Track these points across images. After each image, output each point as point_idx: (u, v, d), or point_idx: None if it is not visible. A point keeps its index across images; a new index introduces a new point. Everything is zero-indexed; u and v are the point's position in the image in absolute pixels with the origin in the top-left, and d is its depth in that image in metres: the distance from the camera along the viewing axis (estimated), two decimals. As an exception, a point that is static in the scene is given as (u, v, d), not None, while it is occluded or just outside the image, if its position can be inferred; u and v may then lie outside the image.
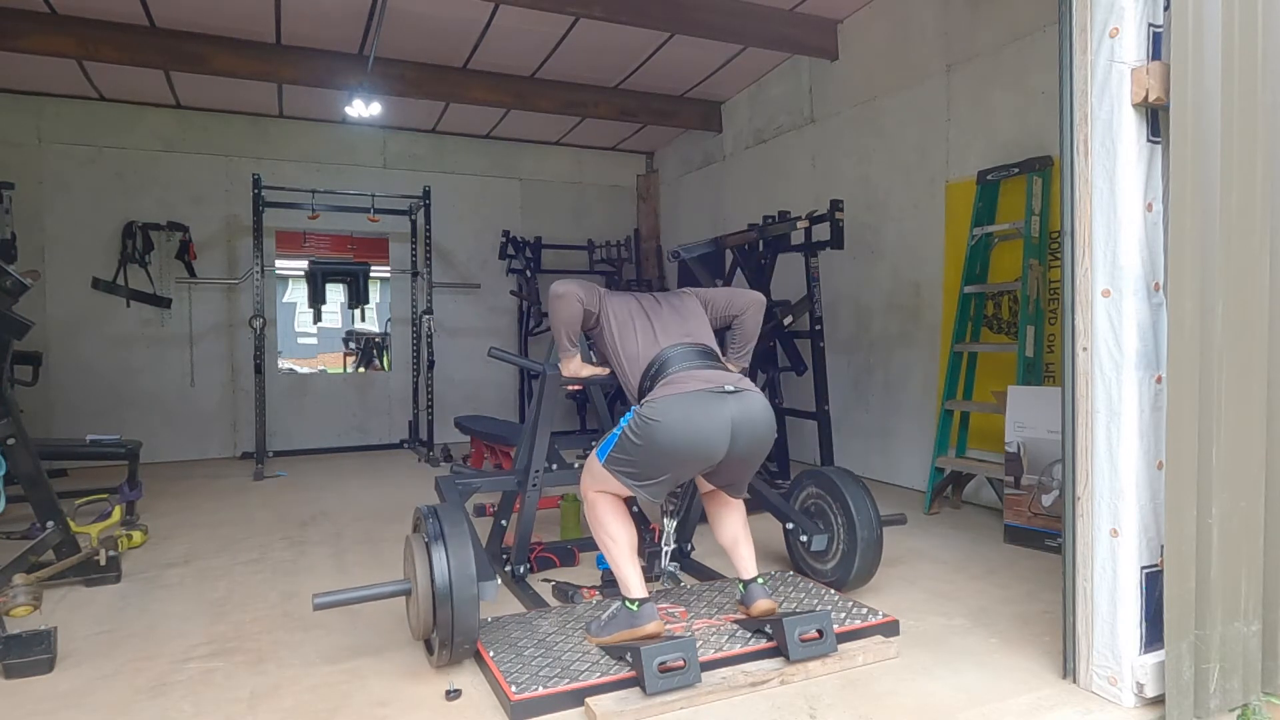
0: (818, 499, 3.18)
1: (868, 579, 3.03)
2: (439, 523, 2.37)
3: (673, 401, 2.33)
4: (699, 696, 2.16)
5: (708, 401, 2.34)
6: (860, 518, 2.95)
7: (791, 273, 5.21)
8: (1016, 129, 4.26)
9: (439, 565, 2.27)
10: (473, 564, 2.29)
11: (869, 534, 2.95)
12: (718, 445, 2.35)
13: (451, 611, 2.24)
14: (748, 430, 2.38)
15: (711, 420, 2.33)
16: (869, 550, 2.95)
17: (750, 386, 2.47)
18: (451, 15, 5.16)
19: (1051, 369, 4.07)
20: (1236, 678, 2.08)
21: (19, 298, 3.31)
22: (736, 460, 2.43)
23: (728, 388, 2.38)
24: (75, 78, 5.83)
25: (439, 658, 2.34)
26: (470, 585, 2.27)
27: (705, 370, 2.44)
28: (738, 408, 2.37)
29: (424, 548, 2.33)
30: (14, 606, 2.65)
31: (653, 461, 2.36)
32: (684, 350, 2.50)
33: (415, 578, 2.36)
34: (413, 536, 2.48)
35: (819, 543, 3.08)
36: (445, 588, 2.25)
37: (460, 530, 2.36)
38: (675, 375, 2.42)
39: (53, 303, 6.15)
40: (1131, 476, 2.08)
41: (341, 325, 14.50)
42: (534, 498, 3.10)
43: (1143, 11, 2.07)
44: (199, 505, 4.84)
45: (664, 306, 2.67)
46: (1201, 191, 2.02)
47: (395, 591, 2.44)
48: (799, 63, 5.94)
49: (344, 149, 7.18)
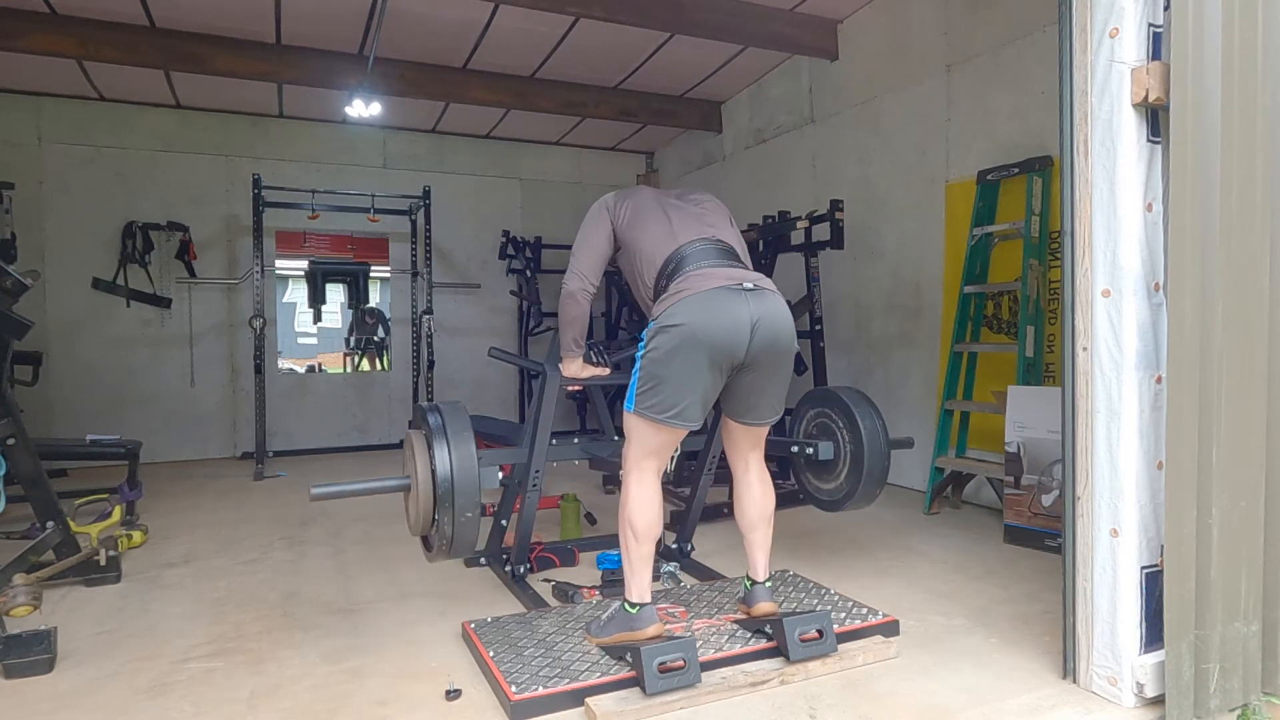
0: (821, 417, 3.12)
1: (874, 494, 2.98)
2: (440, 415, 2.30)
3: (688, 301, 2.25)
4: (699, 696, 2.16)
5: (725, 296, 2.26)
6: (865, 425, 2.92)
7: (791, 273, 5.21)
8: (1016, 129, 4.26)
9: (440, 458, 2.21)
10: (474, 455, 2.23)
11: (875, 443, 2.89)
12: (738, 340, 2.26)
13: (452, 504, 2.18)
14: (767, 330, 2.29)
15: (730, 316, 2.24)
16: (875, 461, 2.90)
17: (770, 286, 2.37)
18: (451, 15, 5.16)
19: (1051, 369, 4.07)
20: (1236, 678, 2.08)
21: (19, 298, 3.31)
22: (756, 365, 2.33)
23: (746, 285, 2.30)
24: (75, 78, 5.82)
25: (438, 553, 2.28)
26: (472, 474, 2.20)
27: (723, 267, 2.35)
28: (757, 305, 2.28)
29: (424, 440, 2.28)
30: (14, 606, 2.65)
31: (678, 377, 2.26)
32: (703, 246, 2.41)
33: (415, 472, 2.30)
34: (412, 433, 2.42)
35: (826, 450, 3.01)
36: (447, 480, 2.18)
37: (461, 423, 2.29)
38: (691, 273, 2.33)
39: (53, 303, 6.15)
40: (1131, 476, 2.08)
41: (342, 324, 14.48)
42: (534, 497, 3.10)
43: (1143, 11, 2.07)
44: (199, 505, 4.84)
45: (685, 202, 2.61)
46: (1201, 191, 2.02)
47: (394, 486, 2.39)
48: (799, 63, 5.94)
49: (344, 149, 7.18)
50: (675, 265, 2.39)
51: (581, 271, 2.59)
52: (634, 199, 2.62)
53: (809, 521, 4.11)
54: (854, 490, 2.94)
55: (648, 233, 2.50)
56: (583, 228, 2.64)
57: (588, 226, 2.63)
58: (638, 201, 2.60)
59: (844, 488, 2.99)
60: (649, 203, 2.58)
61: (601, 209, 2.64)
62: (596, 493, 5.04)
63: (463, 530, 2.23)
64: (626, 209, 2.59)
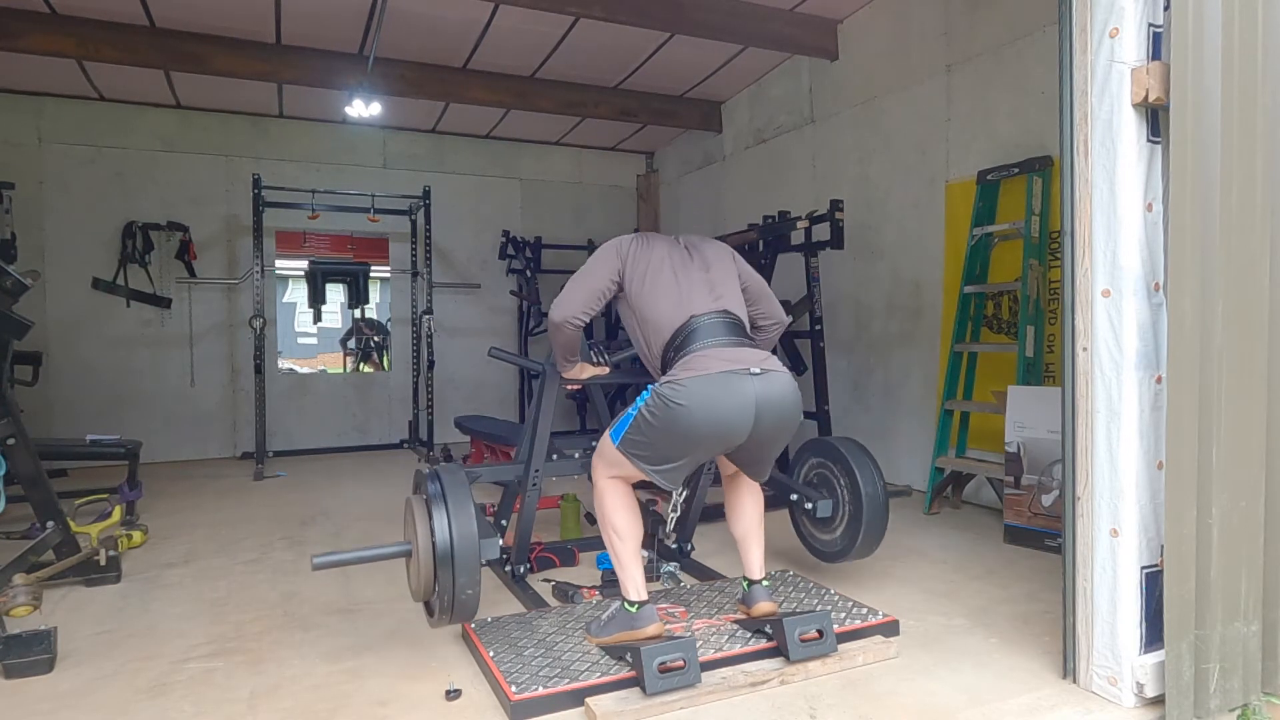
0: (820, 468, 3.14)
1: (874, 545, 2.98)
2: (440, 483, 2.33)
3: (695, 383, 2.23)
4: (699, 696, 2.16)
5: (732, 383, 2.24)
6: (864, 480, 2.92)
7: (791, 273, 5.21)
8: (1016, 129, 4.26)
9: (440, 524, 2.23)
10: (474, 523, 2.25)
11: (875, 497, 2.90)
12: (740, 428, 2.28)
13: (453, 569, 2.19)
14: (773, 413, 2.30)
15: (735, 403, 2.24)
16: (874, 516, 2.90)
17: (777, 366, 2.35)
18: (451, 15, 5.16)
19: (1051, 369, 4.07)
20: (1236, 678, 2.08)
21: (19, 298, 3.31)
22: (759, 442, 2.36)
23: (754, 370, 2.29)
24: (75, 78, 5.82)
25: (439, 619, 2.30)
26: (472, 544, 2.22)
27: (731, 348, 2.33)
28: (763, 389, 2.27)
29: (424, 507, 2.29)
30: (14, 606, 2.65)
31: (671, 445, 2.28)
32: (712, 322, 2.37)
33: (416, 538, 2.32)
34: (413, 498, 2.44)
35: (824, 509, 3.03)
36: (446, 546, 2.20)
37: (461, 490, 2.32)
38: (699, 352, 2.31)
39: (53, 303, 6.15)
40: (1131, 476, 2.08)
41: (342, 325, 14.48)
42: (534, 497, 3.10)
43: (1143, 11, 2.07)
44: (199, 505, 4.84)
45: (695, 262, 2.51)
46: (1201, 191, 2.02)
47: (396, 553, 2.40)
48: (799, 63, 5.94)
49: (344, 149, 7.18)
50: (684, 339, 2.35)
51: (570, 303, 2.46)
52: (648, 254, 2.49)
53: (809, 521, 4.11)
54: (850, 546, 2.97)
55: (657, 300, 2.43)
56: (589, 263, 2.53)
57: (594, 263, 2.51)
58: (651, 258, 2.48)
59: (841, 542, 3.03)
60: (662, 262, 2.48)
61: (613, 253, 2.52)
62: (596, 493, 5.03)
63: (464, 603, 2.28)
64: (639, 264, 2.48)
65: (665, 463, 2.34)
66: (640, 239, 2.56)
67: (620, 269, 2.50)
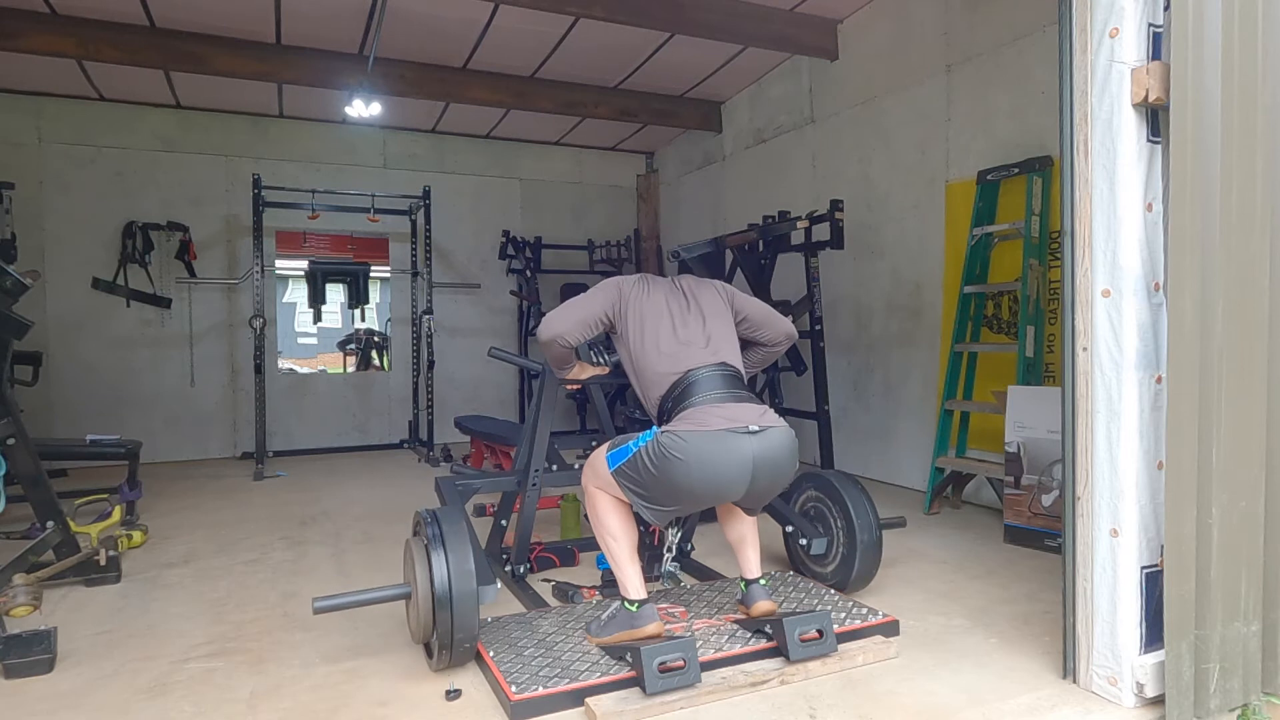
0: (817, 502, 3.17)
1: (868, 581, 3.03)
2: (438, 526, 2.36)
3: (694, 440, 2.24)
4: (699, 696, 2.16)
5: (730, 442, 2.26)
6: (860, 521, 2.95)
7: (791, 273, 5.21)
8: (1016, 129, 4.26)
9: (438, 569, 2.26)
10: (472, 567, 2.28)
11: (868, 537, 2.94)
12: (736, 486, 2.31)
13: (451, 615, 2.24)
14: (769, 469, 2.33)
15: (732, 460, 2.26)
16: (868, 553, 2.95)
17: (775, 421, 2.36)
18: (451, 15, 5.16)
19: (1051, 369, 4.07)
20: (1236, 678, 2.08)
21: (19, 298, 3.32)
22: (754, 494, 2.40)
23: (752, 428, 2.29)
24: (75, 78, 5.82)
25: (439, 661, 2.34)
26: (470, 589, 2.26)
27: (730, 405, 2.34)
28: (761, 446, 2.29)
29: (424, 551, 2.33)
30: (14, 606, 2.65)
31: (665, 493, 2.31)
32: (709, 375, 2.38)
33: (415, 581, 2.36)
34: (412, 540, 2.48)
35: (818, 546, 3.07)
36: (445, 592, 2.24)
37: (459, 534, 2.35)
38: (699, 407, 2.32)
39: (53, 303, 6.15)
40: (1131, 476, 2.08)
41: (342, 325, 14.48)
42: (534, 497, 3.10)
43: (1143, 11, 2.07)
44: (199, 505, 4.84)
45: (692, 311, 2.52)
46: (1201, 191, 2.02)
47: (395, 595, 2.44)
48: (799, 63, 5.94)
49: (344, 149, 7.18)
50: (682, 390, 2.37)
51: (558, 323, 2.46)
52: (648, 299, 2.51)
53: (809, 521, 4.11)
54: (844, 581, 2.99)
55: (655, 354, 2.44)
56: (589, 292, 2.56)
57: (593, 294, 2.54)
58: (650, 306, 2.50)
59: (834, 577, 3.05)
60: (660, 312, 2.49)
61: (614, 290, 2.54)
62: (596, 493, 5.03)
63: (462, 653, 2.33)
64: (637, 308, 2.50)
65: (655, 504, 2.36)
66: (642, 282, 2.57)
67: (618, 307, 2.51)
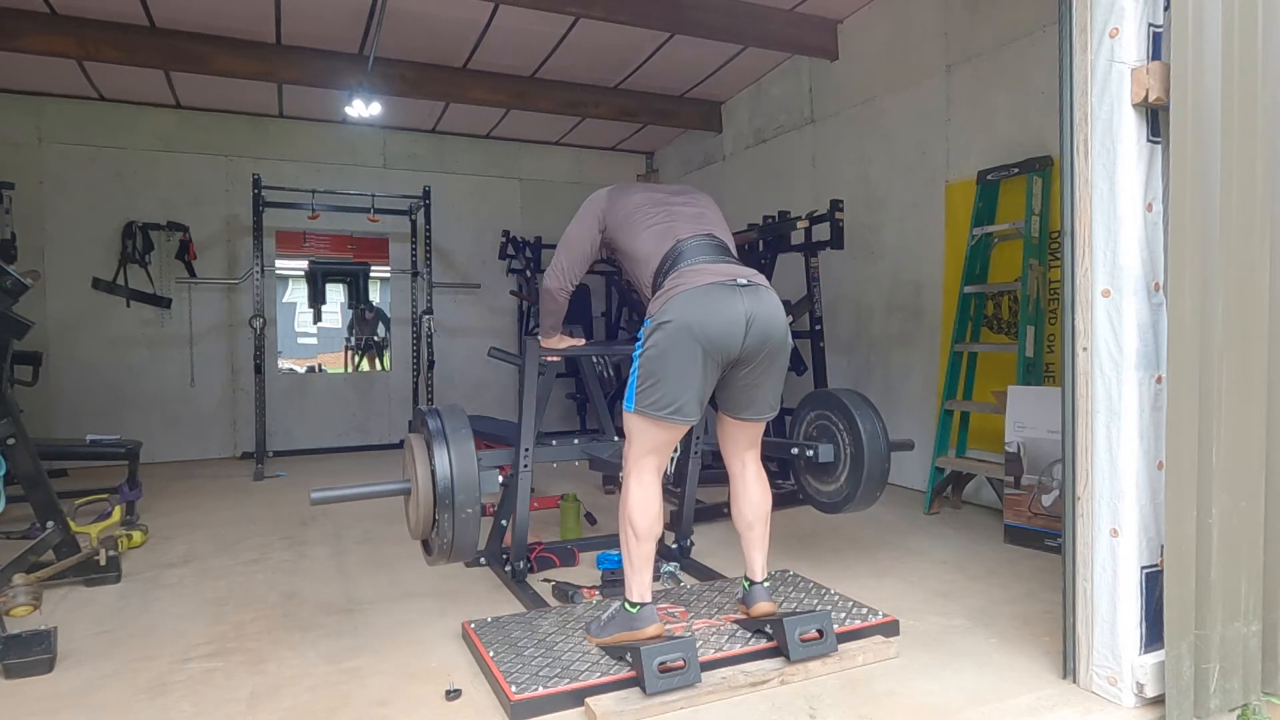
0: (821, 419, 3.13)
1: (875, 496, 2.99)
2: (440, 419, 2.32)
3: (683, 297, 2.29)
4: (699, 696, 2.16)
5: (718, 293, 2.30)
6: (864, 422, 2.92)
7: (791, 273, 5.21)
8: (1016, 129, 4.26)
9: (440, 460, 2.21)
10: (473, 455, 2.24)
11: (875, 446, 2.90)
12: (732, 335, 2.29)
13: (452, 506, 2.18)
14: (761, 325, 2.32)
15: (723, 311, 2.28)
16: (875, 464, 2.90)
17: (763, 282, 2.40)
18: (451, 15, 5.15)
19: (1051, 369, 4.07)
20: (1236, 678, 2.08)
21: (19, 298, 3.31)
22: (751, 360, 2.36)
23: (740, 280, 2.34)
24: (75, 78, 5.82)
25: (438, 557, 2.29)
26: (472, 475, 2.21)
27: (717, 264, 2.40)
28: (751, 300, 2.32)
29: (424, 444, 2.28)
30: (14, 606, 2.65)
31: (672, 369, 2.28)
32: (697, 243, 2.45)
33: (415, 476, 2.31)
34: (412, 437, 2.42)
35: (826, 453, 3.02)
36: (446, 482, 2.19)
37: (461, 428, 2.31)
38: (685, 269, 2.37)
39: (53, 303, 6.14)
40: (1131, 476, 2.08)
41: (342, 325, 14.46)
42: (526, 478, 3.08)
43: (1143, 11, 2.07)
44: (199, 505, 4.84)
45: (677, 199, 2.64)
46: (1201, 191, 2.02)
47: (395, 490, 2.40)
48: (799, 63, 5.94)
49: (344, 149, 7.18)
50: (671, 262, 2.43)
51: (562, 270, 2.68)
52: (627, 201, 2.63)
53: (809, 522, 4.11)
54: (854, 493, 2.94)
55: (642, 234, 2.53)
56: (571, 226, 2.69)
57: (575, 227, 2.69)
58: (631, 204, 2.61)
59: (844, 490, 3.00)
60: (642, 204, 2.60)
61: (593, 210, 2.67)
62: (596, 493, 5.04)
63: (463, 530, 2.23)
64: (619, 212, 2.62)
65: (676, 399, 2.30)
66: (618, 189, 2.71)
67: (601, 223, 2.66)
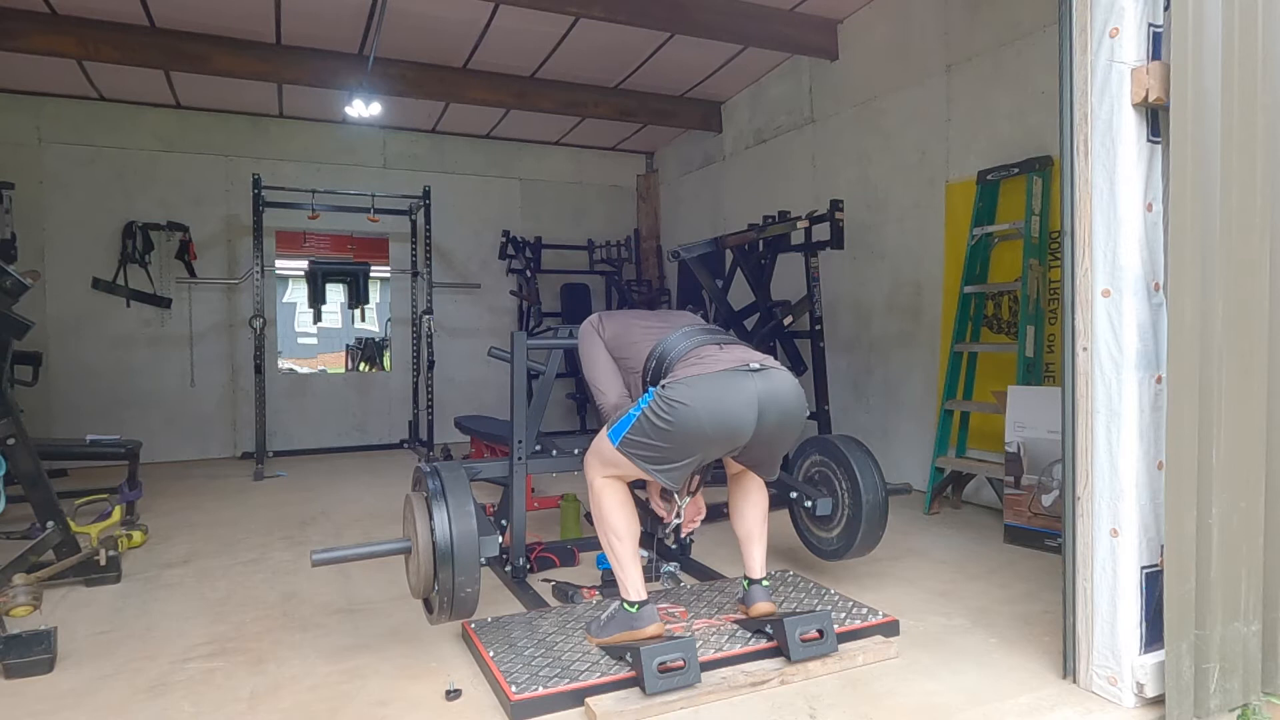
0: (821, 466, 3.14)
1: (872, 545, 2.99)
2: (439, 479, 2.33)
3: (699, 381, 2.26)
4: (699, 696, 2.16)
5: (733, 380, 2.28)
6: (865, 482, 2.92)
7: (791, 273, 5.21)
8: (1016, 129, 4.26)
9: (440, 521, 2.23)
10: (474, 520, 2.25)
11: (874, 498, 2.91)
12: (745, 425, 2.29)
13: (453, 567, 2.20)
14: (776, 409, 2.31)
15: (738, 400, 2.26)
16: (873, 516, 2.91)
17: (776, 364, 2.40)
18: (451, 15, 5.16)
19: (1051, 369, 4.07)
20: (1236, 678, 2.08)
21: (19, 298, 3.31)
22: (764, 440, 2.37)
23: (753, 365, 2.32)
24: (75, 78, 5.83)
25: (439, 615, 2.31)
26: (471, 541, 2.22)
27: (728, 348, 2.40)
28: (764, 386, 2.30)
29: (424, 504, 2.29)
30: (14, 606, 2.65)
31: (677, 445, 2.28)
32: (692, 330, 2.47)
33: (415, 535, 2.32)
34: (412, 495, 2.43)
35: (824, 507, 3.03)
36: (446, 544, 2.20)
37: (461, 487, 2.32)
38: (696, 352, 2.36)
39: (53, 303, 6.15)
40: (1131, 476, 2.08)
41: (342, 325, 14.48)
42: (521, 471, 3.07)
43: (1143, 11, 2.07)
44: (199, 505, 4.84)
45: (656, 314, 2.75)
46: (1201, 191, 2.02)
47: (395, 549, 2.40)
48: (799, 63, 5.94)
49: (344, 149, 7.18)
50: (664, 349, 2.43)
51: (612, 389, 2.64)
52: (614, 321, 2.73)
53: (809, 521, 4.11)
54: (849, 545, 2.98)
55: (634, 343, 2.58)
56: (583, 358, 2.73)
57: (589, 349, 2.71)
58: (618, 321, 2.72)
59: (840, 540, 3.04)
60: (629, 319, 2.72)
61: (591, 335, 2.73)
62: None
63: (463, 600, 2.29)
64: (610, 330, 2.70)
65: (668, 463, 2.33)
66: (604, 314, 2.80)
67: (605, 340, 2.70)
